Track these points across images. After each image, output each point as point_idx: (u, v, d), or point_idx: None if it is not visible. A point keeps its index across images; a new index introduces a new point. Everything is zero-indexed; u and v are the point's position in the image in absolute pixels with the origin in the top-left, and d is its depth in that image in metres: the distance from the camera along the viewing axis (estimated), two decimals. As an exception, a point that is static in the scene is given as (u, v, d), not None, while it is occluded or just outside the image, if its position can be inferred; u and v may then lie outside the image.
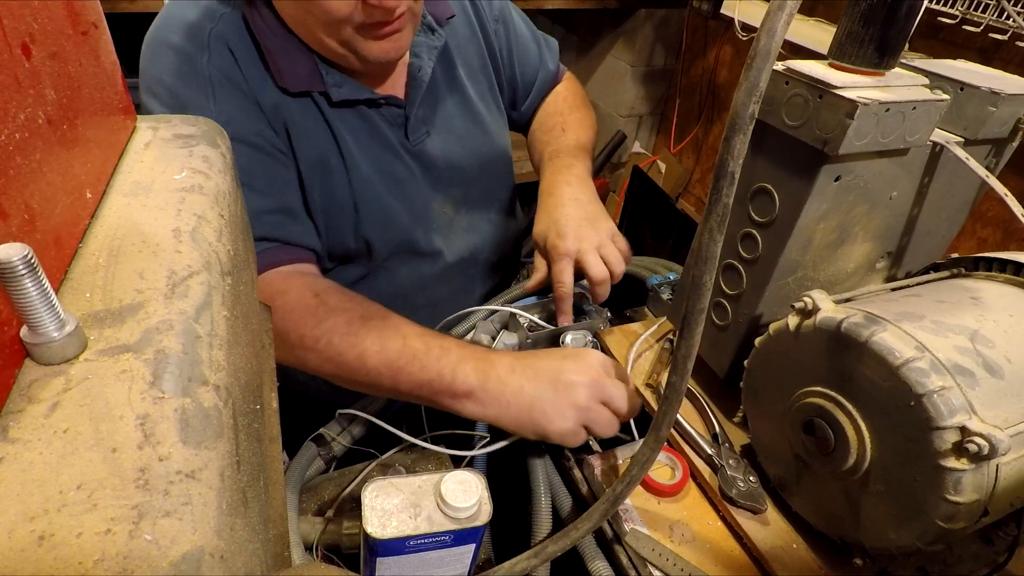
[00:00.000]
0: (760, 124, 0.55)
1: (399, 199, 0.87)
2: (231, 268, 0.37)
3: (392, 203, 0.86)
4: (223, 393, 0.29)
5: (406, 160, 0.86)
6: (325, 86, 0.76)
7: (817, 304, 0.52)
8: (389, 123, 0.84)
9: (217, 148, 0.44)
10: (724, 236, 0.40)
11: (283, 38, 0.74)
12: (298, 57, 0.75)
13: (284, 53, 0.74)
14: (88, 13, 0.37)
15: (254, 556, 0.28)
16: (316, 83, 0.76)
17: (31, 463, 0.23)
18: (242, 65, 0.74)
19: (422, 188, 0.89)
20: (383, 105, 0.82)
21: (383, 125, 0.83)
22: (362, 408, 0.79)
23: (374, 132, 0.83)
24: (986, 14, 1.08)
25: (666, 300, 0.88)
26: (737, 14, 1.60)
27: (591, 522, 0.53)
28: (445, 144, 0.90)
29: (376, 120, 0.83)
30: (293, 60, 0.75)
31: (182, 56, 0.72)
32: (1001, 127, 0.57)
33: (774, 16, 0.35)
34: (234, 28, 0.74)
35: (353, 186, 0.82)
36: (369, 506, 0.50)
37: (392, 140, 0.84)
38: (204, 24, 0.73)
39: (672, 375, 0.46)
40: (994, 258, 0.59)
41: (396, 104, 0.83)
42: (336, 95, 0.77)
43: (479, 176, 0.97)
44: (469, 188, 0.96)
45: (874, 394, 0.48)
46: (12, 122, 0.27)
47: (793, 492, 0.59)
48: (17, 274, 0.24)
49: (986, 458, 0.43)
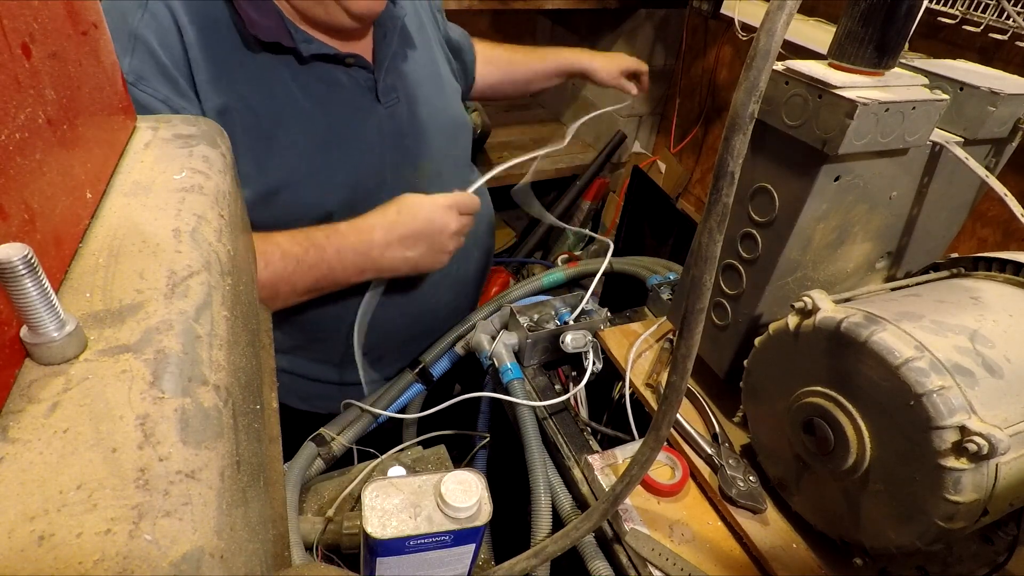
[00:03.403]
0: (760, 124, 0.55)
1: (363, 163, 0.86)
2: (231, 268, 0.37)
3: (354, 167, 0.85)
4: (223, 393, 0.29)
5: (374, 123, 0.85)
6: (294, 42, 0.76)
7: (817, 304, 0.52)
8: (357, 84, 0.83)
9: (217, 148, 0.44)
10: (724, 236, 0.40)
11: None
12: (265, 8, 0.75)
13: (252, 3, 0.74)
14: (88, 13, 0.37)
15: (254, 556, 0.28)
16: (284, 36, 0.75)
17: (31, 463, 0.23)
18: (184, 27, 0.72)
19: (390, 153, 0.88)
20: (352, 66, 0.82)
21: (350, 85, 0.83)
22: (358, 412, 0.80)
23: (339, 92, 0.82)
24: (986, 14, 1.08)
25: (666, 300, 0.88)
26: (737, 14, 1.60)
27: (591, 522, 0.53)
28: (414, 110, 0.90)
29: (342, 79, 0.82)
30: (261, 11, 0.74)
31: (117, 11, 0.71)
32: (1001, 127, 0.57)
33: (774, 16, 0.35)
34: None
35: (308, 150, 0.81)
36: (369, 506, 0.50)
37: (361, 102, 0.84)
38: None
39: (672, 375, 0.46)
40: (994, 258, 0.59)
41: (364, 67, 0.83)
42: (306, 50, 0.77)
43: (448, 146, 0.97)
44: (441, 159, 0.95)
45: (874, 394, 0.48)
46: (12, 122, 0.27)
47: (793, 492, 0.59)
48: (17, 274, 0.24)
49: (986, 458, 0.43)
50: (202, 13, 0.73)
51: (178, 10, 0.72)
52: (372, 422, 0.87)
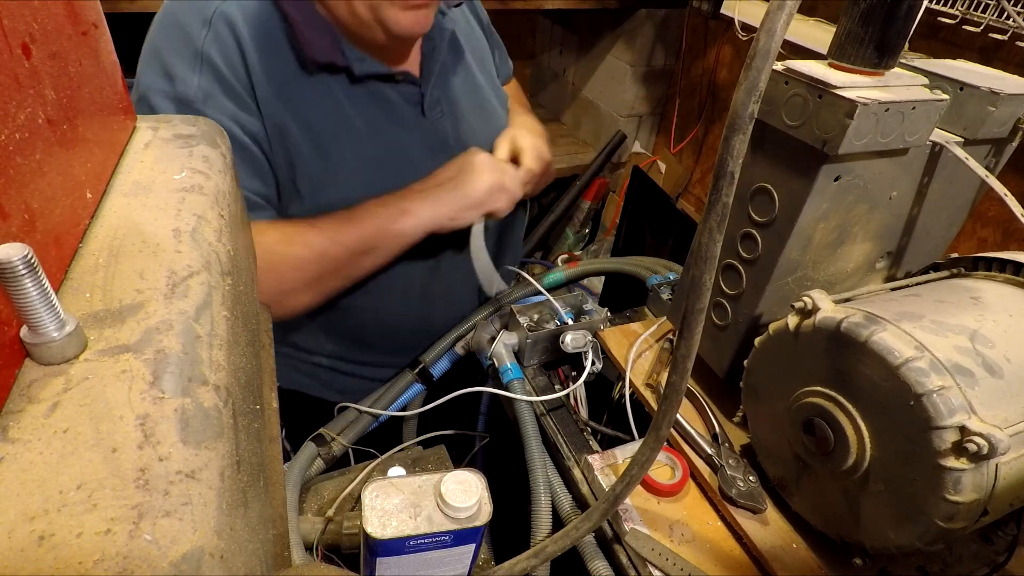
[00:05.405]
0: (760, 124, 0.55)
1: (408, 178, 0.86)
2: (231, 268, 0.37)
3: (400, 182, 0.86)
4: (223, 393, 0.29)
5: (419, 137, 0.87)
6: (347, 60, 0.77)
7: (817, 304, 0.52)
8: (405, 100, 0.85)
9: (217, 148, 0.44)
10: (724, 236, 0.40)
11: (309, 12, 0.75)
12: (322, 29, 0.76)
13: (309, 24, 0.75)
14: (88, 13, 0.37)
15: (254, 556, 0.28)
16: (338, 56, 0.77)
17: (31, 463, 0.23)
18: (246, 46, 0.74)
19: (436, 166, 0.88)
20: (400, 81, 0.83)
21: (399, 101, 0.84)
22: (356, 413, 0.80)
23: (389, 109, 0.84)
24: (986, 14, 1.08)
25: (666, 300, 0.88)
26: (737, 14, 1.60)
27: (591, 522, 0.53)
28: (457, 125, 0.91)
29: (391, 96, 0.83)
30: (317, 31, 0.76)
31: (180, 29, 0.73)
32: (1000, 127, 0.57)
33: (774, 16, 0.35)
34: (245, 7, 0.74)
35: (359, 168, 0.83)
36: (369, 506, 0.50)
37: (407, 117, 0.85)
38: (212, 2, 0.74)
39: (672, 375, 0.46)
40: (994, 258, 0.58)
41: (412, 81, 0.84)
42: (359, 69, 0.78)
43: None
44: None
45: (874, 394, 0.48)
46: (12, 122, 0.27)
47: (793, 492, 0.59)
48: (17, 274, 0.24)
49: (985, 458, 0.43)
50: (262, 32, 0.75)
51: (240, 29, 0.73)
52: (372, 422, 0.87)
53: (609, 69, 2.12)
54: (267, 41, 0.75)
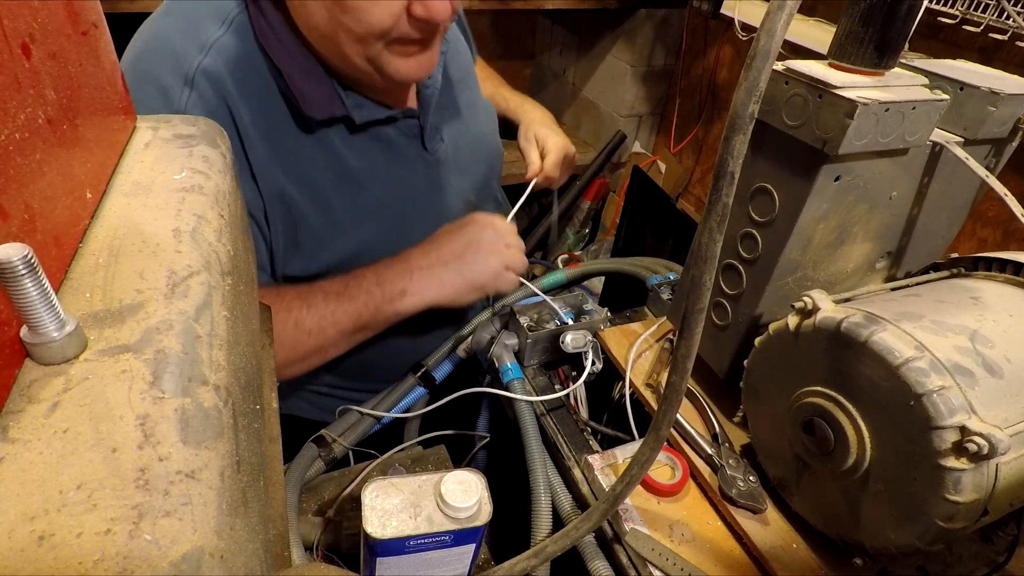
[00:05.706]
0: (760, 124, 0.55)
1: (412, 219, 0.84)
2: (231, 268, 0.37)
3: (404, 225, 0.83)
4: (223, 393, 0.29)
5: (422, 172, 0.84)
6: (346, 109, 0.72)
7: (817, 304, 0.52)
8: (405, 136, 0.81)
9: (217, 148, 0.44)
10: (724, 236, 0.40)
11: (302, 59, 0.69)
12: (316, 77, 0.70)
13: (302, 73, 0.69)
14: (88, 13, 0.37)
15: (254, 556, 0.28)
16: (337, 107, 0.72)
17: (31, 463, 0.23)
18: (235, 107, 0.67)
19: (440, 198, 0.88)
20: (400, 119, 0.80)
21: (399, 139, 0.81)
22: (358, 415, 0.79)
23: (390, 150, 0.80)
24: (986, 14, 1.08)
25: (666, 300, 0.88)
26: (737, 14, 1.60)
27: (591, 522, 0.53)
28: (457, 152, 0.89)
29: (391, 135, 0.80)
30: (312, 83, 0.70)
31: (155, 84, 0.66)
32: (1001, 127, 0.57)
33: (774, 16, 0.35)
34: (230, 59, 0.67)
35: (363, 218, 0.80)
36: (369, 506, 0.50)
37: (409, 154, 0.82)
38: (191, 56, 0.66)
39: (672, 375, 0.46)
40: (994, 258, 0.58)
41: (410, 115, 0.81)
42: (359, 117, 0.73)
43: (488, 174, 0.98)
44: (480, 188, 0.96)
45: (874, 394, 0.48)
46: (12, 122, 0.27)
47: (793, 492, 0.59)
48: (17, 274, 0.24)
49: (986, 458, 0.43)
50: (253, 87, 0.69)
51: (227, 87, 0.67)
52: (374, 425, 0.87)
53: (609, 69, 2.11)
54: (258, 97, 0.69)
